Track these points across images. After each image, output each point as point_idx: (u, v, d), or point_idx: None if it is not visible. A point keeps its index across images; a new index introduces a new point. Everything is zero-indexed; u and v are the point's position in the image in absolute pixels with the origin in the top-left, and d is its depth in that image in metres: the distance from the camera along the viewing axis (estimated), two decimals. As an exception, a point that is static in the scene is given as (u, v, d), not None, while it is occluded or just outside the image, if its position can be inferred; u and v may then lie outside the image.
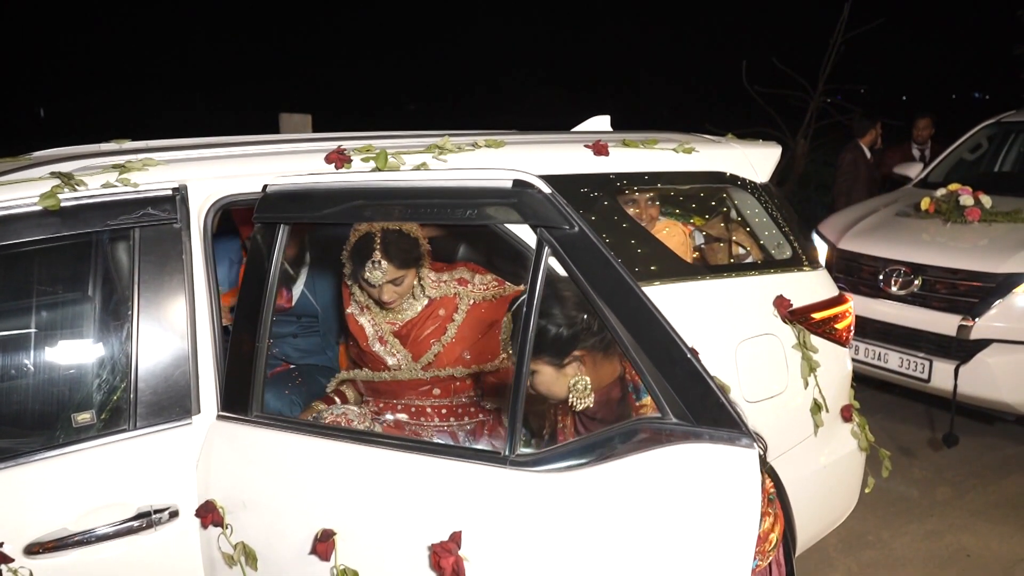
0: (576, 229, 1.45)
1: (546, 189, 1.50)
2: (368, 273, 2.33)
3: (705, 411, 1.33)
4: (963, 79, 29.59)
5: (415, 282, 2.47)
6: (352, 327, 2.55)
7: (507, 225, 2.01)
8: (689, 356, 1.33)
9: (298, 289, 2.92)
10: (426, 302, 2.52)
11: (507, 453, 1.49)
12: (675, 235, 2.89)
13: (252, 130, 2.78)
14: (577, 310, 1.71)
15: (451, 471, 1.54)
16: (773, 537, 1.78)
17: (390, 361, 2.50)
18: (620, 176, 2.51)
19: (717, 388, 1.31)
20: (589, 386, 1.74)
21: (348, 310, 2.56)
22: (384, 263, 2.33)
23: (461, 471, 1.53)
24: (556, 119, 3.32)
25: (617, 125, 3.09)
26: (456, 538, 1.47)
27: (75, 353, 1.97)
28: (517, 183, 1.52)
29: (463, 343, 2.49)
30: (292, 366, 2.96)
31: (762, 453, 1.71)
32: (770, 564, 1.80)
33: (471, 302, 2.52)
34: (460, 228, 2.88)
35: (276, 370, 2.91)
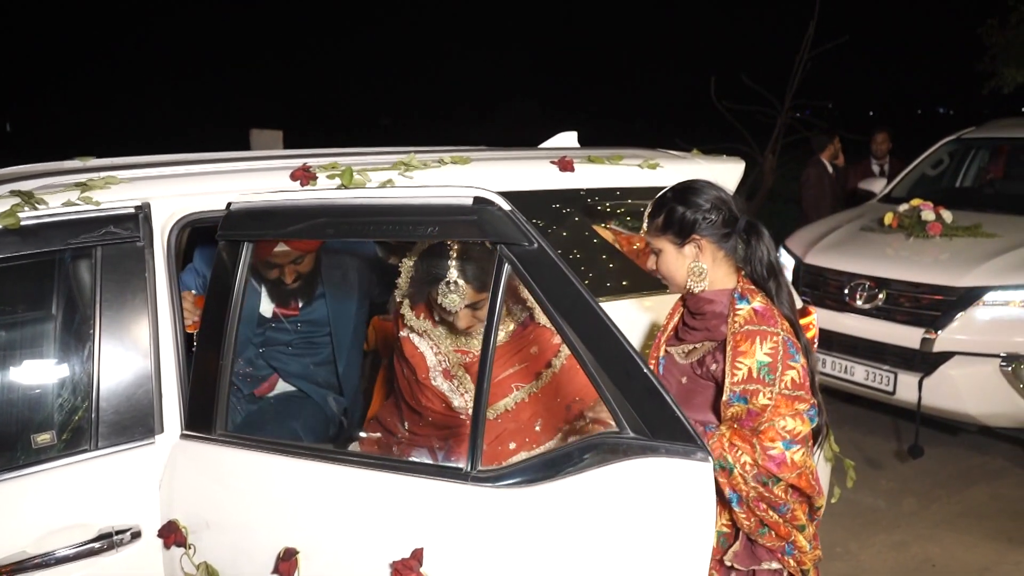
0: (535, 246, 1.47)
1: (506, 206, 1.51)
2: (442, 297, 1.89)
3: (661, 425, 1.35)
4: (928, 95, 30.26)
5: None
6: (408, 352, 2.08)
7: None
8: (646, 371, 1.34)
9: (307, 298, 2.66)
10: (512, 327, 2.05)
11: (468, 469, 1.50)
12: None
13: (226, 146, 2.73)
14: (707, 203, 1.84)
15: (413, 488, 1.54)
16: None
17: (455, 402, 2.02)
18: (586, 192, 2.54)
19: (673, 402, 1.33)
20: (705, 271, 1.85)
21: (402, 333, 2.10)
22: (462, 284, 1.89)
23: (423, 488, 1.53)
24: (531, 133, 3.33)
25: (591, 141, 3.12)
26: (417, 555, 1.47)
27: (36, 373, 1.95)
28: (477, 200, 1.53)
29: (551, 398, 2.00)
30: (294, 390, 2.68)
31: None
32: None
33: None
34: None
35: (263, 385, 2.65)
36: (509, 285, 1.93)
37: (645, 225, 1.92)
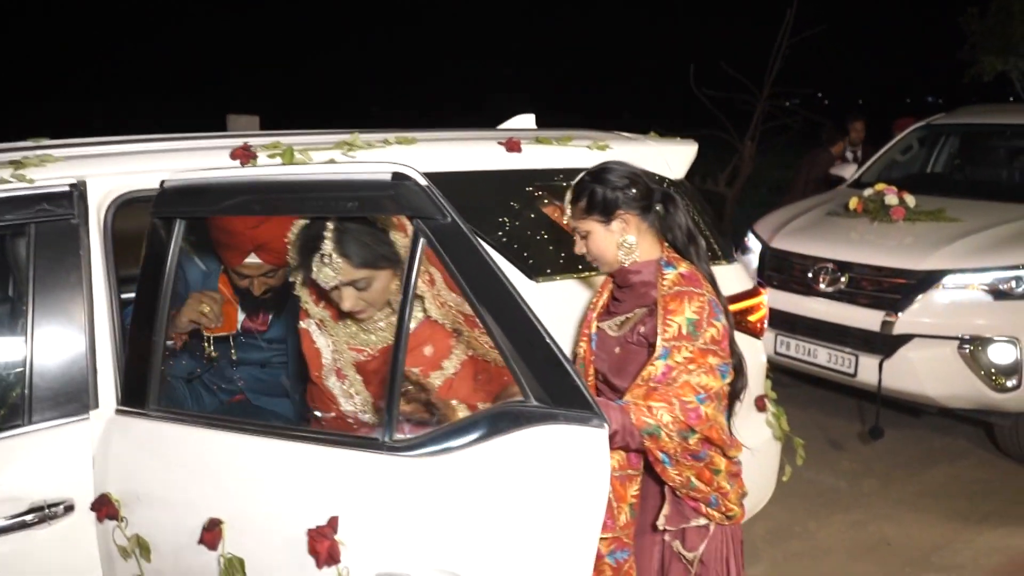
0: (449, 220, 1.50)
1: (422, 181, 1.53)
2: (316, 272, 1.81)
3: (561, 393, 1.38)
4: (917, 83, 30.32)
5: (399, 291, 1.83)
6: (306, 346, 1.99)
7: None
8: (548, 341, 1.37)
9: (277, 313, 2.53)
10: (415, 325, 1.94)
11: (384, 439, 1.52)
12: None
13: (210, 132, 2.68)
14: (623, 179, 1.94)
15: (331, 458, 1.57)
16: None
17: (345, 405, 1.96)
18: (532, 172, 2.56)
19: (573, 371, 1.36)
20: (634, 244, 1.93)
21: (301, 324, 2.01)
22: (336, 259, 1.79)
23: (340, 458, 1.56)
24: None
25: (578, 127, 3.10)
26: (333, 523, 1.50)
27: (-32, 349, 1.97)
28: (396, 176, 1.55)
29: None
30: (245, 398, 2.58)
31: None
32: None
33: (468, 355, 1.96)
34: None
35: (231, 401, 2.55)
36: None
37: (569, 211, 1.98)
